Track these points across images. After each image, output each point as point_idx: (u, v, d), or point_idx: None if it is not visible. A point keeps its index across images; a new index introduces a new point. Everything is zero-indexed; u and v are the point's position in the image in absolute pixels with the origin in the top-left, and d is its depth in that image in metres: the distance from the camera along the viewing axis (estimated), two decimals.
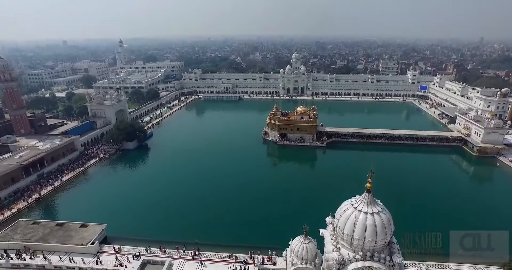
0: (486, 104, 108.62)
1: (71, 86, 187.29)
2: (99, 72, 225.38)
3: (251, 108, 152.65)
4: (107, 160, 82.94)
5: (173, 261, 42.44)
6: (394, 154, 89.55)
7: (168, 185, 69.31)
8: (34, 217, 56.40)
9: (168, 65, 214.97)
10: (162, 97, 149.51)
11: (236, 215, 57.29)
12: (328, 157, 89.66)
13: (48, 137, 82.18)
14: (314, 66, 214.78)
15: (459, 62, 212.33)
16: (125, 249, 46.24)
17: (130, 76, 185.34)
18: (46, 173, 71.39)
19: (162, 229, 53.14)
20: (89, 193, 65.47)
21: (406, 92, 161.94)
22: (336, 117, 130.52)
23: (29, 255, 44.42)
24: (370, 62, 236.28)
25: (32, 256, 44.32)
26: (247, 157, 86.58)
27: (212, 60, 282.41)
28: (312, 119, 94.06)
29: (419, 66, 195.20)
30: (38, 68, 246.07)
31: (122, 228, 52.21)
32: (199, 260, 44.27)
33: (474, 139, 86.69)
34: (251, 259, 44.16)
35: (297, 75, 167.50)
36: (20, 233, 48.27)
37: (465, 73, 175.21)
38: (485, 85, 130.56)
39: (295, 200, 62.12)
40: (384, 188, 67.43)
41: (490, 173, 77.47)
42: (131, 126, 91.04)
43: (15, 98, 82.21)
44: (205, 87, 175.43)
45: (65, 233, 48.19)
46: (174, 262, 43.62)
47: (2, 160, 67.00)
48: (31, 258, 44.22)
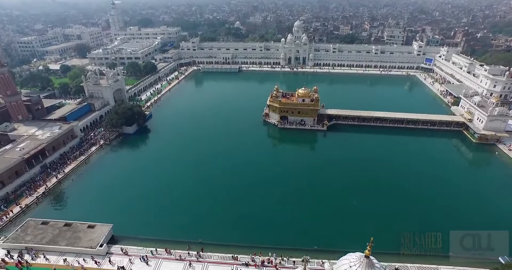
0: (492, 83, 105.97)
1: (64, 56, 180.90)
2: (93, 38, 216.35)
3: (251, 81, 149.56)
4: (107, 146, 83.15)
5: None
6: (394, 137, 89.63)
7: (169, 173, 70.73)
8: (42, 212, 58.18)
9: (165, 31, 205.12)
10: (160, 70, 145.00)
11: (239, 209, 58.96)
12: (328, 141, 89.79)
13: (46, 124, 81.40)
14: (317, 33, 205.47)
15: (469, 29, 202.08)
16: (132, 251, 48.55)
17: (125, 45, 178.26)
18: (49, 163, 72.06)
19: (166, 226, 54.87)
20: (93, 186, 66.58)
21: (411, 64, 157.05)
22: (338, 92, 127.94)
23: (31, 256, 46.84)
24: (375, 27, 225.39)
25: (34, 257, 46.74)
26: (248, 142, 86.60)
27: (210, 23, 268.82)
28: (313, 102, 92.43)
29: (426, 34, 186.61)
30: (27, 33, 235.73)
31: (127, 226, 53.96)
32: (203, 262, 46.74)
33: (476, 125, 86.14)
34: (252, 262, 46.63)
35: (298, 45, 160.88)
36: (31, 234, 50.25)
37: (474, 43, 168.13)
38: (494, 60, 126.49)
39: (294, 193, 63.70)
40: (381, 173, 69.81)
41: (487, 162, 78.27)
42: (130, 110, 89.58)
43: (8, 83, 79.74)
44: (203, 57, 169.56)
45: (73, 234, 50.19)
46: (180, 263, 46.21)
47: (3, 153, 67.08)
48: (32, 258, 46.69)
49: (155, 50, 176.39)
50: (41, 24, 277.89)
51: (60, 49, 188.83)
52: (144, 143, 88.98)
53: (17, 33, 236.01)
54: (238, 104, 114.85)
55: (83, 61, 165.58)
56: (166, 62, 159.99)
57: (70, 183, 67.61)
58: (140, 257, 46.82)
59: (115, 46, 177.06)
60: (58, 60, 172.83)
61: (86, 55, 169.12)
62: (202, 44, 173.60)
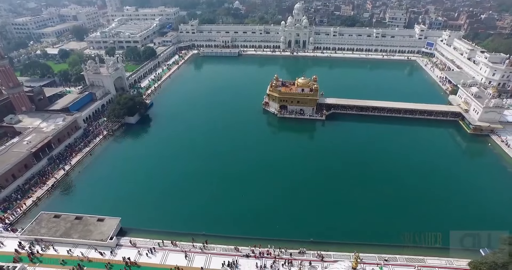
0: (492, 71, 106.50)
1: (61, 38, 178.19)
2: (89, 19, 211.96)
3: (252, 66, 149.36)
4: (111, 137, 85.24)
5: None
6: (391, 127, 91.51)
7: (171, 164, 73.52)
8: (52, 204, 61.35)
9: (163, 12, 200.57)
10: (160, 55, 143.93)
11: (239, 201, 62.08)
12: (327, 131, 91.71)
13: (50, 116, 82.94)
14: (318, 13, 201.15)
15: (473, 10, 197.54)
16: (140, 243, 52.09)
17: (123, 27, 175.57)
18: (55, 155, 74.51)
19: (170, 218, 58.22)
20: (99, 178, 69.23)
21: (412, 48, 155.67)
22: (338, 78, 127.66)
23: (41, 247, 50.50)
24: (377, 7, 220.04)
25: (43, 248, 50.37)
26: (248, 131, 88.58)
27: (209, 2, 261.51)
28: (312, 91, 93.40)
29: (429, 15, 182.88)
30: (21, 13, 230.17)
31: (134, 218, 57.10)
32: (207, 253, 50.35)
33: (472, 116, 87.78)
34: (252, 253, 50.26)
35: (299, 28, 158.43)
36: (45, 227, 53.64)
37: (478, 26, 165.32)
38: (496, 45, 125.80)
39: (293, 185, 66.71)
40: (377, 164, 72.89)
41: (479, 153, 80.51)
42: (132, 100, 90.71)
43: (10, 75, 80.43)
44: (203, 40, 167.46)
45: (84, 227, 53.56)
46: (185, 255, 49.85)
47: (11, 147, 69.28)
48: (42, 249, 50.36)
49: (154, 32, 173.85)
50: (34, 2, 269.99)
51: (56, 31, 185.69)
52: (146, 133, 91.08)
53: (9, 13, 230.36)
54: (238, 90, 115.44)
55: (81, 44, 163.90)
56: (165, 45, 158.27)
57: (77, 175, 70.46)
58: (148, 249, 50.39)
59: (112, 28, 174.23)
60: (55, 43, 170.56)
61: (83, 38, 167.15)
62: (201, 26, 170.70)
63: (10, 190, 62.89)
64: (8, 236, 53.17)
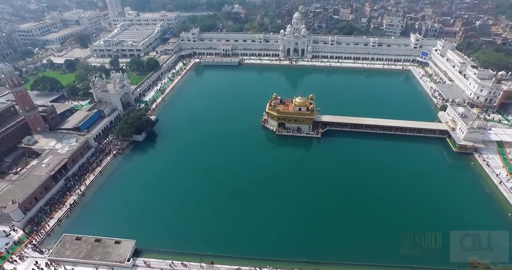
0: (480, 87, 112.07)
1: (65, 46, 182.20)
2: (91, 23, 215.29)
3: (252, 76, 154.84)
4: (120, 155, 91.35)
5: None
6: (383, 143, 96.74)
7: (177, 183, 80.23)
8: (72, 226, 67.92)
9: (164, 17, 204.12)
10: (162, 65, 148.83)
11: (239, 220, 68.91)
12: (322, 148, 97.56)
13: (64, 136, 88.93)
14: (317, 18, 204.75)
15: (469, 16, 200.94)
16: (153, 264, 59.05)
17: (125, 33, 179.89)
18: (71, 175, 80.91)
19: (179, 239, 65.05)
20: (112, 199, 75.71)
21: (408, 57, 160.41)
22: (333, 91, 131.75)
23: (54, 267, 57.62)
24: (376, 10, 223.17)
25: (56, 268, 57.42)
26: (248, 148, 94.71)
27: (209, 3, 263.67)
28: (309, 111, 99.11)
29: (425, 22, 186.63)
30: (24, 16, 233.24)
31: (147, 239, 63.99)
32: None
33: (458, 135, 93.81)
34: None
35: (297, 37, 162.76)
36: (69, 249, 60.52)
37: (472, 34, 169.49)
38: (486, 58, 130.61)
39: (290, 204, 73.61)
40: (368, 180, 79.94)
41: (462, 172, 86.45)
42: (139, 119, 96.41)
43: (26, 99, 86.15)
44: (204, 48, 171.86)
45: (104, 249, 60.43)
46: None
47: (32, 170, 75.56)
48: (55, 268, 57.38)
49: (156, 39, 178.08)
50: (35, 4, 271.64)
51: (60, 37, 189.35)
52: (153, 149, 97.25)
53: (12, 16, 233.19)
54: (239, 103, 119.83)
55: (85, 52, 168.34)
56: (167, 54, 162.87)
57: (92, 196, 76.87)
58: (160, 269, 57.35)
59: (115, 34, 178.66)
60: (60, 50, 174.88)
61: (87, 45, 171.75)
62: (202, 35, 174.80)
63: (34, 212, 69.46)
64: (37, 257, 60.04)
